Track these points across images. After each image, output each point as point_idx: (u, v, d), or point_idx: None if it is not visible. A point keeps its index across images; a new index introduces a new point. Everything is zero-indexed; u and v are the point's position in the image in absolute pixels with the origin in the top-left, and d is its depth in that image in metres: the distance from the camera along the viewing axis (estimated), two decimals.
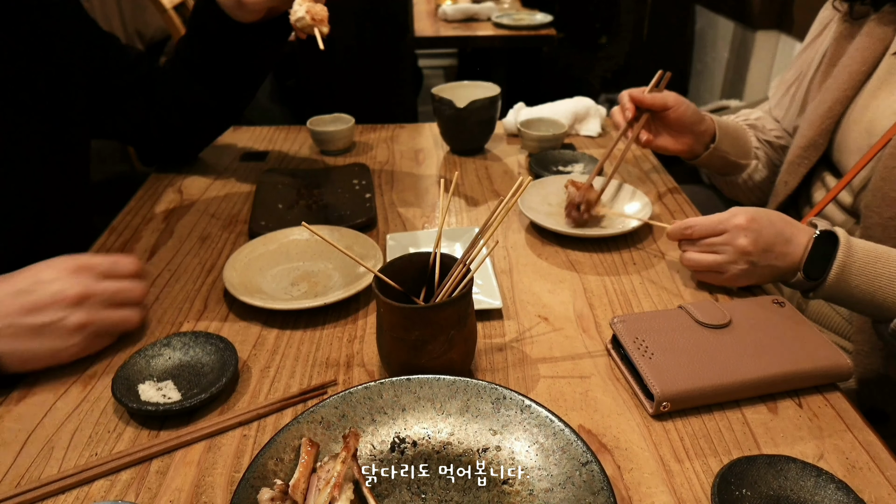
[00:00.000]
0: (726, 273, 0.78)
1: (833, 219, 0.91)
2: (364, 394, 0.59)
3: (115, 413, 0.63)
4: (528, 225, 0.97)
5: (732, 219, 0.76)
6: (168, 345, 0.68)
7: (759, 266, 0.76)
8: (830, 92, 0.92)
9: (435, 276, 0.66)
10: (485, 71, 3.04)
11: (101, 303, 0.67)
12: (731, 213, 0.77)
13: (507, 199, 0.62)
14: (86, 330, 0.66)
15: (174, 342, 0.69)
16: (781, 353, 0.66)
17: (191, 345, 0.69)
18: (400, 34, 2.00)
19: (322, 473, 0.52)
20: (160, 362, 0.67)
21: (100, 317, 0.67)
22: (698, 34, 3.04)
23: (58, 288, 0.65)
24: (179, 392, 0.64)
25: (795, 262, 0.75)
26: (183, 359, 0.68)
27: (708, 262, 0.79)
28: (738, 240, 0.75)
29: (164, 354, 0.68)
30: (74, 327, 0.65)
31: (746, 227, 0.75)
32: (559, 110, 1.27)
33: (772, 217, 0.76)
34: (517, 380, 0.68)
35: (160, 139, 1.08)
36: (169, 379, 0.65)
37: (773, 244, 0.75)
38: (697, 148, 1.02)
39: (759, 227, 0.75)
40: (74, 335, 0.65)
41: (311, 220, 0.95)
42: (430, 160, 1.20)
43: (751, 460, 0.55)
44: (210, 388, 0.63)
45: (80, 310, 0.65)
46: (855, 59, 0.90)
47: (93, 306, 0.66)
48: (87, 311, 0.66)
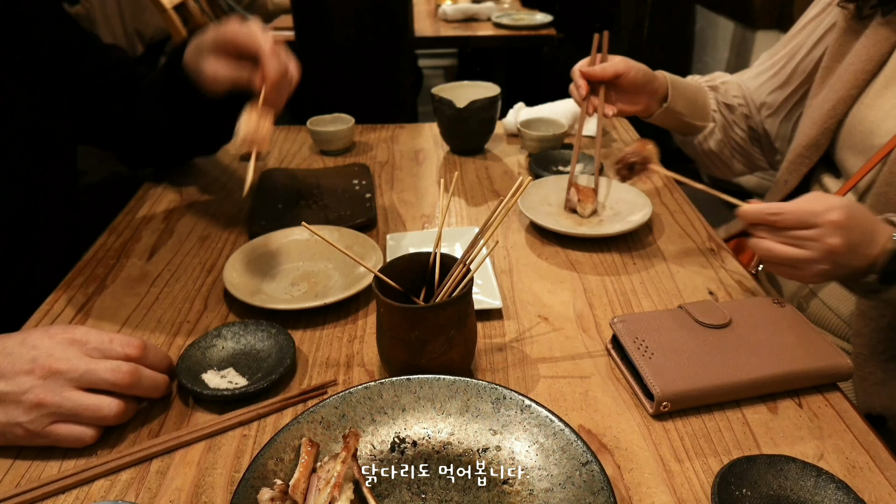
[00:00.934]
0: (805, 271, 0.69)
1: None
2: (364, 394, 0.59)
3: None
4: (528, 225, 0.97)
5: (827, 213, 0.67)
6: (219, 335, 0.70)
7: (840, 266, 0.69)
8: (834, 91, 0.90)
9: (435, 276, 0.66)
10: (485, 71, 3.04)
11: (72, 380, 0.58)
12: (825, 205, 0.68)
13: (507, 199, 0.62)
14: (43, 409, 0.56)
15: (224, 332, 0.71)
16: (781, 353, 0.66)
17: (241, 333, 0.71)
18: (400, 34, 1.99)
19: (322, 473, 0.52)
20: (215, 352, 0.69)
21: (63, 398, 0.57)
22: (698, 34, 3.04)
23: (35, 355, 0.57)
24: (244, 378, 0.66)
25: (870, 261, 0.69)
26: (237, 347, 0.70)
27: (789, 256, 0.69)
28: (831, 238, 0.67)
29: (218, 345, 0.70)
30: (33, 402, 0.56)
31: (841, 226, 0.67)
32: (559, 110, 1.27)
33: (863, 214, 0.69)
34: (517, 380, 0.68)
35: (141, 145, 1.05)
36: (230, 367, 0.67)
37: (860, 244, 0.68)
38: (653, 106, 1.03)
39: (853, 226, 0.67)
40: (31, 412, 0.56)
41: (311, 220, 0.95)
42: (430, 160, 1.20)
43: (751, 460, 0.55)
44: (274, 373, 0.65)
45: (44, 384, 0.57)
46: (860, 58, 0.88)
47: (61, 384, 0.57)
48: (50, 388, 0.57)
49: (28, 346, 0.58)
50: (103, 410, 0.58)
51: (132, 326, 0.76)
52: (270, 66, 0.75)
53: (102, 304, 0.80)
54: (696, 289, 0.82)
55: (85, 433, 0.58)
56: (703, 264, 0.87)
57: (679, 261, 0.88)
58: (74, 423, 0.58)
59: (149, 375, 0.62)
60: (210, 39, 0.80)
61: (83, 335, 0.60)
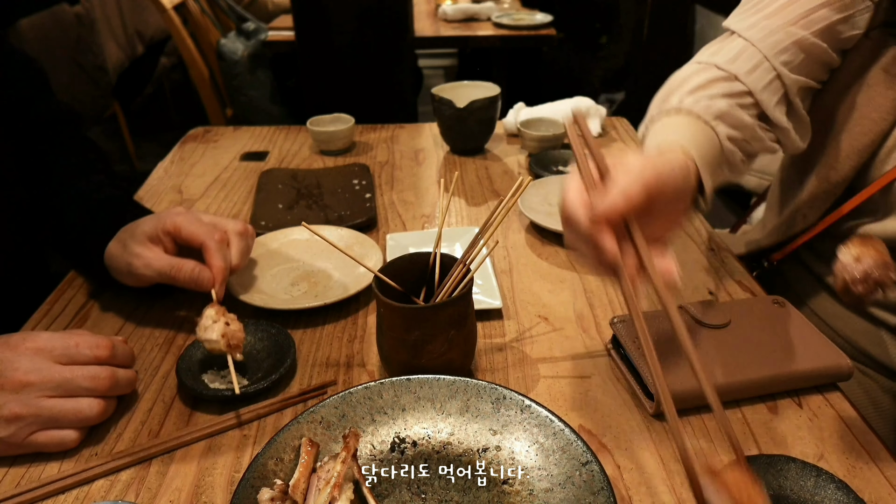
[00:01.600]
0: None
1: None
2: (364, 394, 0.59)
3: (115, 412, 0.63)
4: (528, 225, 0.97)
5: None
6: None
7: None
8: (863, 125, 0.77)
9: (435, 276, 0.66)
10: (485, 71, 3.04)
11: (48, 391, 0.57)
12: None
13: (507, 199, 0.62)
14: (21, 421, 0.56)
15: None
16: (781, 353, 0.65)
17: None
18: (400, 34, 1.99)
19: (322, 473, 0.52)
20: None
21: (39, 408, 0.56)
22: (698, 34, 3.04)
23: (1, 370, 0.56)
24: (244, 378, 0.66)
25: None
26: None
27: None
28: None
29: None
30: (8, 417, 0.56)
31: None
32: (559, 110, 1.27)
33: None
34: (517, 380, 0.68)
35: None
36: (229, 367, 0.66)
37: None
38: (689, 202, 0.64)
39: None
40: (8, 426, 0.56)
41: (311, 220, 0.95)
42: (430, 160, 1.20)
43: (751, 460, 0.55)
44: (274, 373, 0.65)
45: (17, 397, 0.56)
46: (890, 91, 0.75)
47: (35, 395, 0.57)
48: (24, 400, 0.56)
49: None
50: (84, 412, 0.58)
51: (132, 326, 0.76)
52: (216, 264, 0.69)
53: (102, 304, 0.80)
54: (696, 289, 0.82)
55: (67, 437, 0.58)
56: (703, 264, 0.87)
57: (679, 261, 0.87)
58: (55, 428, 0.58)
59: (123, 375, 0.61)
60: (149, 228, 0.71)
61: (46, 342, 0.59)
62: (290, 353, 0.68)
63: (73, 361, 0.59)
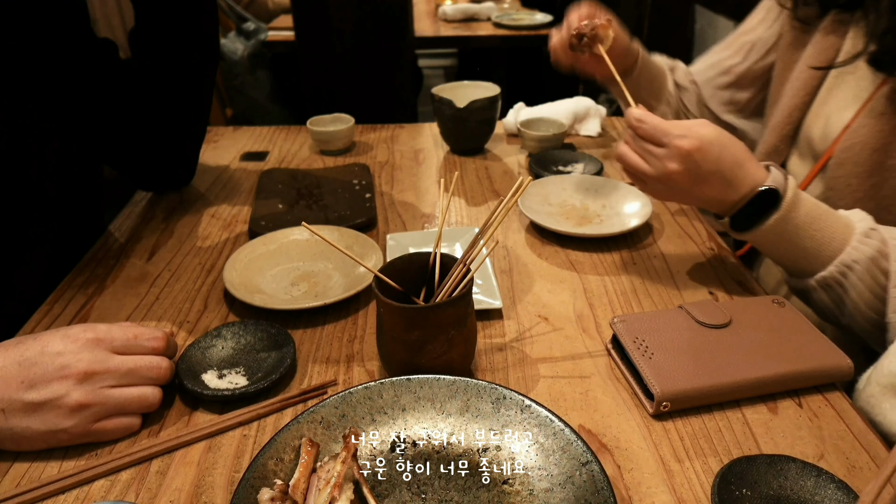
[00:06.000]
0: (645, 185, 0.75)
1: None
2: (364, 394, 0.59)
3: None
4: (528, 225, 0.97)
5: (679, 138, 0.69)
6: (219, 335, 0.70)
7: (679, 192, 0.72)
8: (788, 98, 0.93)
9: (435, 276, 0.66)
10: (485, 71, 3.04)
11: (112, 381, 0.59)
12: (685, 126, 0.69)
13: (507, 199, 0.62)
14: (87, 410, 0.58)
15: (224, 332, 0.70)
16: (781, 353, 0.66)
17: (241, 333, 0.71)
18: (400, 34, 1.99)
19: (322, 473, 0.52)
20: (215, 352, 0.69)
21: (105, 396, 0.58)
22: (698, 34, 3.04)
23: (64, 362, 0.58)
24: (244, 378, 0.66)
25: (727, 205, 0.71)
26: (237, 347, 0.70)
27: (632, 164, 0.74)
28: (670, 162, 0.69)
29: (218, 345, 0.69)
30: (74, 406, 0.57)
31: (686, 155, 0.68)
32: (559, 110, 1.27)
33: (725, 152, 0.69)
34: (517, 380, 0.68)
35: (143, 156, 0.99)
36: (229, 367, 0.67)
37: (709, 180, 0.69)
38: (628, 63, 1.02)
39: (702, 160, 0.68)
40: (74, 415, 0.57)
41: (311, 220, 0.95)
42: (430, 160, 1.20)
43: (751, 460, 0.55)
44: (274, 373, 0.65)
45: (83, 387, 0.58)
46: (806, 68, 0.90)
47: (99, 385, 0.59)
48: (90, 390, 0.58)
49: (51, 353, 0.58)
50: (148, 399, 0.61)
51: None
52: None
53: (102, 304, 0.80)
54: (696, 289, 0.82)
55: (133, 422, 0.61)
56: (703, 264, 0.87)
57: (679, 261, 0.88)
58: (121, 415, 0.60)
59: (172, 366, 0.65)
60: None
61: (105, 333, 0.61)
62: (290, 354, 0.68)
63: (131, 352, 0.62)
